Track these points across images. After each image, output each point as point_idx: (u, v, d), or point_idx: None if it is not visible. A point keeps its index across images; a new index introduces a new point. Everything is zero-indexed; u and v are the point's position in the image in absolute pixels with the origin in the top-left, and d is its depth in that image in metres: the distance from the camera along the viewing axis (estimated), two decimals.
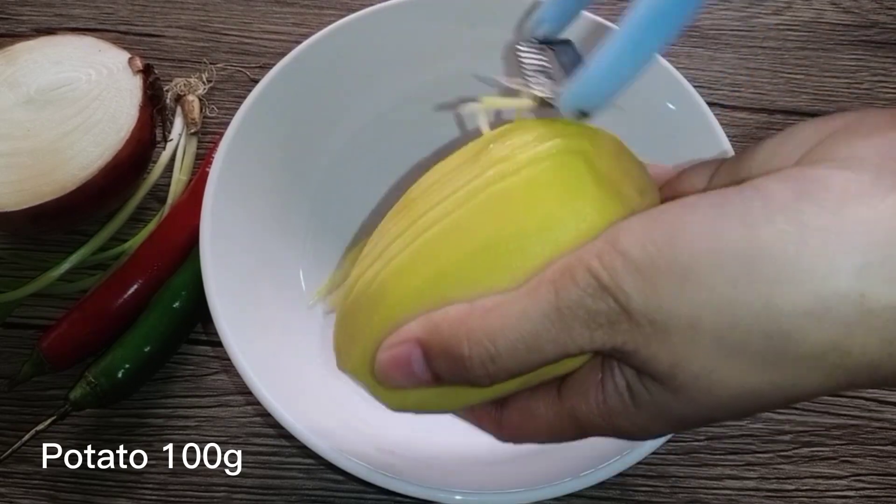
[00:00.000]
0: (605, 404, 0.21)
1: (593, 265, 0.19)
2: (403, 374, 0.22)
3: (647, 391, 0.20)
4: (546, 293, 0.19)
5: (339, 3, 0.53)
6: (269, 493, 0.39)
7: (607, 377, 0.21)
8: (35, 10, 0.52)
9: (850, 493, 0.39)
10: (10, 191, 0.39)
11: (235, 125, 0.38)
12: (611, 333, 0.19)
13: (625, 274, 0.18)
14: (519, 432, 0.24)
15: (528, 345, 0.20)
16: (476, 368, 0.20)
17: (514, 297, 0.20)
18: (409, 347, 0.22)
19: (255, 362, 0.34)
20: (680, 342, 0.18)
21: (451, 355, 0.21)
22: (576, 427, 0.22)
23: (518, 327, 0.20)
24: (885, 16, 0.54)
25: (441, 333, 0.21)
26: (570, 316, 0.19)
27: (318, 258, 0.42)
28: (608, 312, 0.19)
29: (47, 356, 0.39)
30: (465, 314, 0.21)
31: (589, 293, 0.19)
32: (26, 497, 0.38)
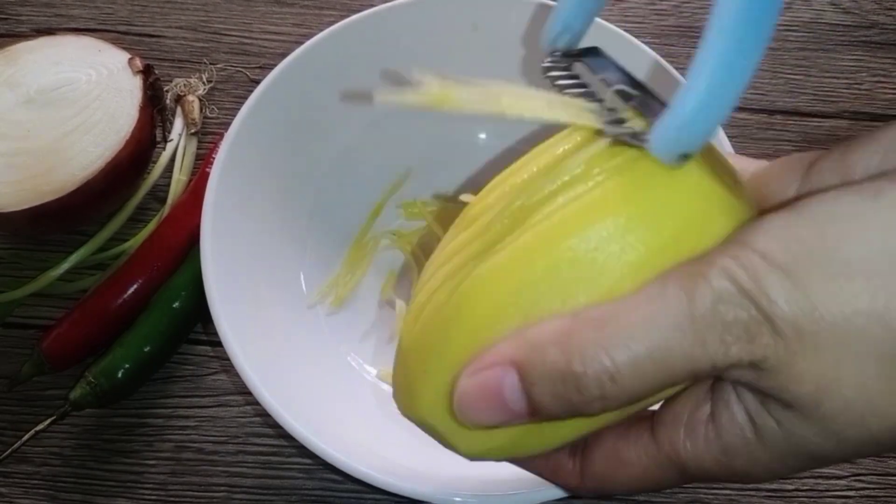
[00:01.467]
0: (720, 442, 0.18)
1: (730, 266, 0.16)
2: (493, 405, 0.18)
3: (775, 423, 0.17)
4: (676, 298, 0.16)
5: (339, 4, 0.53)
6: (268, 493, 0.39)
7: (720, 409, 0.18)
8: (35, 10, 0.52)
9: (850, 493, 0.39)
10: (10, 191, 0.39)
11: (237, 126, 0.38)
12: (750, 347, 0.16)
13: (768, 275, 0.16)
14: (604, 483, 0.20)
15: (655, 360, 0.16)
16: (591, 389, 0.17)
17: (631, 303, 0.17)
18: (500, 372, 0.18)
19: (255, 362, 0.34)
20: (832, 359, 0.15)
21: (560, 376, 0.17)
22: (678, 473, 0.19)
23: (644, 338, 0.16)
24: (885, 16, 0.54)
25: (543, 351, 0.17)
26: (704, 325, 0.16)
27: (318, 258, 0.42)
28: (748, 322, 0.16)
29: (47, 356, 0.39)
30: (570, 327, 0.17)
31: (725, 299, 0.16)
32: (26, 497, 0.38)
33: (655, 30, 0.53)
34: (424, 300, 0.21)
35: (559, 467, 0.21)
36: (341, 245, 0.43)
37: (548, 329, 0.18)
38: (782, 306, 0.16)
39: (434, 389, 0.20)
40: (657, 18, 0.53)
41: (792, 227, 0.16)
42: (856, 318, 0.15)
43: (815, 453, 0.17)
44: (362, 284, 0.43)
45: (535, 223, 0.19)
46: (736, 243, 0.17)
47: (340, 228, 0.43)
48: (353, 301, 0.42)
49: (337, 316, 0.41)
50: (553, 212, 0.19)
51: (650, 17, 0.53)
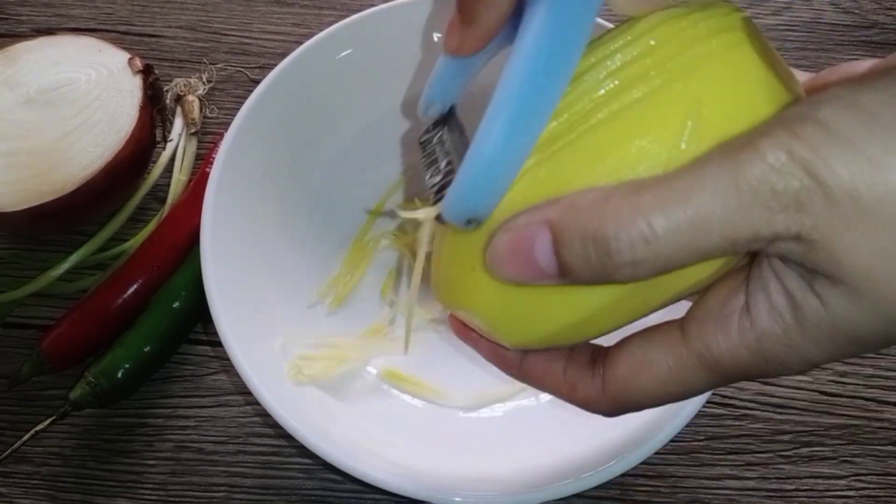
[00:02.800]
0: (755, 329, 0.17)
1: (783, 137, 0.15)
2: (524, 261, 0.18)
3: (820, 302, 0.16)
4: (721, 167, 0.16)
5: (339, 4, 0.53)
6: (268, 493, 0.39)
7: (758, 296, 0.17)
8: (35, 10, 0.52)
9: (850, 493, 0.39)
10: (10, 191, 0.39)
11: (237, 125, 0.38)
12: (798, 216, 0.15)
13: (828, 144, 0.15)
14: (626, 391, 0.20)
15: (693, 224, 0.16)
16: (623, 252, 0.16)
17: (675, 173, 0.16)
18: (534, 229, 0.18)
19: (255, 362, 0.34)
20: (892, 230, 0.15)
21: (591, 235, 0.16)
22: (706, 371, 0.18)
23: (683, 202, 0.16)
24: (885, 16, 0.54)
25: (579, 212, 0.17)
26: (750, 193, 0.15)
27: (318, 258, 0.42)
28: (799, 191, 0.15)
29: (47, 356, 0.39)
30: (608, 192, 0.17)
31: (777, 168, 0.15)
32: (26, 497, 0.38)
33: None
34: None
35: (578, 380, 0.21)
36: (341, 245, 0.43)
37: (588, 194, 0.17)
38: (840, 172, 0.15)
39: (482, 283, 0.20)
40: None
41: (856, 97, 0.15)
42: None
43: (858, 337, 0.16)
44: (362, 284, 0.43)
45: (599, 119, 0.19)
46: (794, 114, 0.16)
47: (340, 228, 0.43)
48: (353, 301, 0.42)
49: (337, 316, 0.41)
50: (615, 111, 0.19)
51: None
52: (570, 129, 0.19)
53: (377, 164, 0.44)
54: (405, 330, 0.28)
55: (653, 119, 0.18)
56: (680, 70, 0.19)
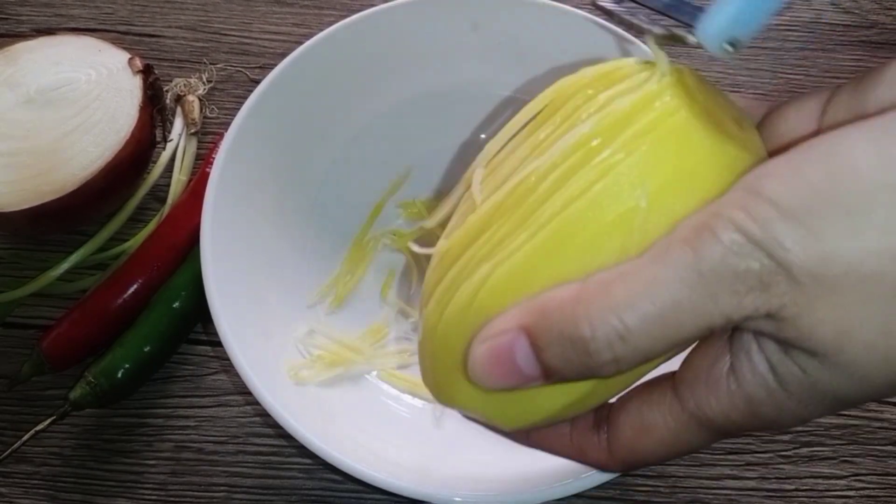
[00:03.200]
0: (743, 394, 0.17)
1: (737, 217, 0.16)
2: (506, 370, 0.18)
3: (800, 370, 0.17)
4: (681, 255, 0.16)
5: (339, 4, 0.53)
6: (268, 493, 0.39)
7: (741, 360, 0.18)
8: (35, 10, 0.52)
9: (850, 493, 0.39)
10: (10, 191, 0.39)
11: (237, 125, 0.38)
12: (765, 297, 0.16)
13: (779, 223, 0.15)
14: (634, 454, 0.20)
15: (664, 317, 0.16)
16: (602, 352, 0.17)
17: (638, 264, 0.17)
18: (510, 337, 0.18)
19: (255, 362, 0.34)
20: (853, 302, 0.15)
21: (569, 338, 0.17)
22: (706, 431, 0.19)
23: (651, 296, 0.16)
24: (885, 16, 0.54)
25: (551, 315, 0.17)
26: (714, 279, 0.16)
27: (318, 258, 0.42)
28: (760, 272, 0.16)
29: (47, 356, 0.39)
30: (577, 291, 0.17)
31: (735, 250, 0.16)
32: (26, 497, 0.38)
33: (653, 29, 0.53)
34: (445, 300, 0.21)
35: (586, 445, 0.21)
36: (341, 245, 0.43)
37: (557, 295, 0.18)
38: (798, 254, 0.15)
39: (469, 384, 0.20)
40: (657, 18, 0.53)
41: (800, 170, 0.16)
42: (869, 259, 0.15)
43: (840, 397, 0.17)
44: (362, 284, 0.43)
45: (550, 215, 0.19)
46: (743, 191, 0.16)
47: (340, 228, 0.43)
48: (353, 301, 0.42)
49: (337, 316, 0.41)
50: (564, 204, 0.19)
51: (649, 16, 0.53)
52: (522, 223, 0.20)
53: (377, 163, 0.44)
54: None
55: (605, 204, 0.18)
56: (623, 151, 0.19)
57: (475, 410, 0.22)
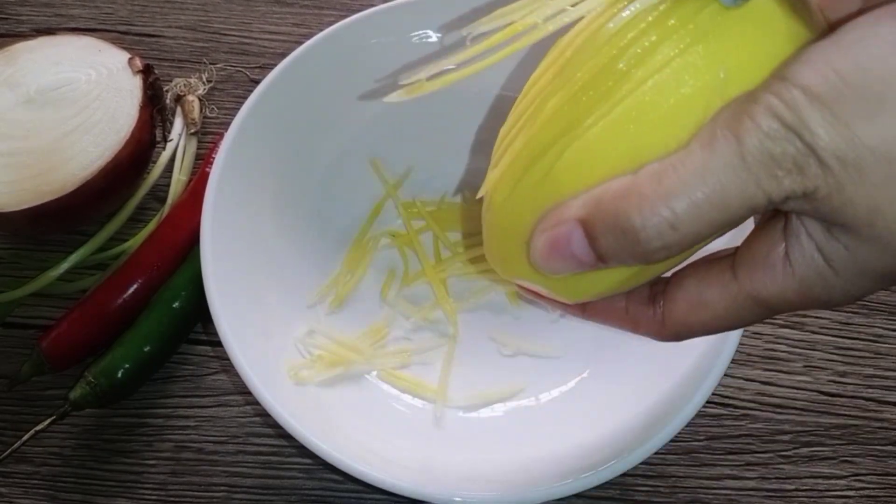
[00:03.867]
0: (796, 275, 0.19)
1: (773, 104, 0.17)
2: (564, 258, 0.20)
3: (843, 247, 0.18)
4: (725, 142, 0.17)
5: (339, 4, 0.53)
6: (268, 493, 0.39)
7: (793, 245, 0.19)
8: (35, 10, 0.52)
9: (850, 493, 0.39)
10: (10, 191, 0.39)
11: (237, 125, 0.38)
12: (800, 178, 0.17)
13: (808, 108, 0.16)
14: (689, 328, 0.22)
15: (712, 202, 0.17)
16: (653, 240, 0.18)
17: (684, 154, 0.18)
18: (567, 228, 0.20)
19: (255, 362, 0.34)
20: (878, 181, 0.16)
21: (621, 228, 0.18)
22: (761, 308, 0.20)
23: (700, 183, 0.17)
24: None
25: (605, 207, 0.19)
26: (756, 163, 0.17)
27: (318, 258, 0.42)
28: (795, 155, 0.17)
29: (47, 356, 0.39)
30: (631, 181, 0.18)
31: (772, 136, 0.17)
32: (26, 497, 0.38)
33: None
34: (518, 174, 0.22)
35: (640, 317, 0.23)
36: (341, 245, 0.43)
37: (612, 186, 0.19)
38: (823, 137, 0.16)
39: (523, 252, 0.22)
40: None
41: (830, 58, 0.17)
42: (893, 142, 0.16)
43: (881, 271, 0.18)
44: (362, 284, 0.43)
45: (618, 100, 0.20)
46: (779, 78, 0.17)
47: (340, 228, 0.43)
48: (353, 301, 0.42)
49: (337, 316, 0.41)
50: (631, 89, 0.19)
51: None
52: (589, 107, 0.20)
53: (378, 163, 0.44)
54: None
55: (684, 78, 0.19)
56: (697, 35, 0.19)
57: (540, 284, 0.23)
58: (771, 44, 0.19)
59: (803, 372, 0.42)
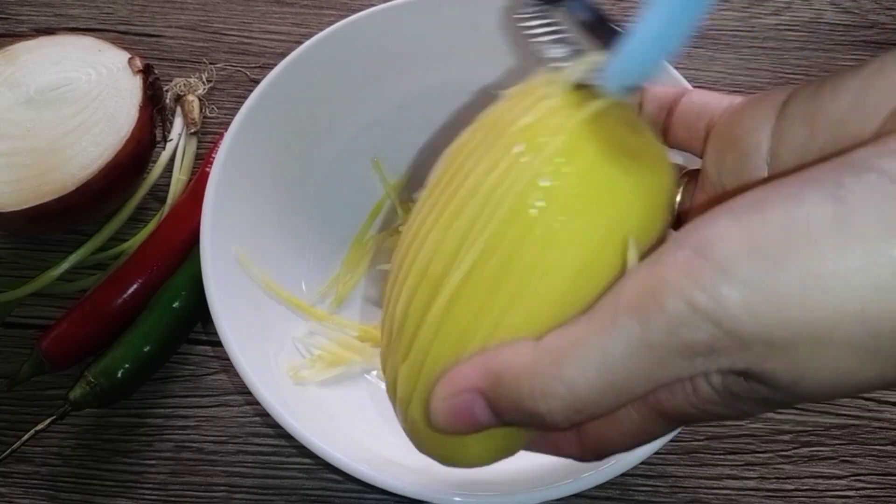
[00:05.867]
0: (698, 398, 0.18)
1: (683, 285, 0.16)
2: (466, 422, 0.20)
3: (751, 389, 0.17)
4: (628, 326, 0.17)
5: (339, 4, 0.53)
6: (268, 493, 0.39)
7: (698, 377, 0.18)
8: (35, 10, 0.52)
9: (849, 493, 0.39)
10: (10, 191, 0.39)
11: (237, 125, 0.38)
12: (714, 359, 0.16)
13: (731, 294, 0.15)
14: (602, 445, 0.21)
15: (616, 387, 0.17)
16: (559, 423, 0.18)
17: (586, 332, 0.18)
18: (468, 397, 0.20)
19: (255, 362, 0.34)
20: (805, 357, 0.16)
21: (527, 411, 0.18)
22: (665, 422, 0.20)
23: (602, 371, 0.17)
24: (885, 16, 0.54)
25: (506, 386, 0.19)
26: (663, 349, 0.16)
27: (318, 258, 0.42)
28: (708, 341, 0.16)
29: (47, 356, 0.39)
30: (531, 362, 0.18)
31: (684, 321, 0.16)
32: (26, 497, 0.38)
33: None
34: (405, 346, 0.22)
35: (559, 441, 0.23)
36: (341, 245, 0.43)
37: (512, 362, 0.19)
38: (748, 324, 0.16)
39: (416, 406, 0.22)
40: None
41: (753, 237, 0.16)
42: (828, 323, 0.15)
43: (782, 403, 0.18)
44: (362, 284, 0.43)
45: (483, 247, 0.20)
46: (690, 252, 0.16)
47: (340, 228, 0.43)
48: (353, 301, 0.42)
49: (336, 316, 0.41)
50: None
51: None
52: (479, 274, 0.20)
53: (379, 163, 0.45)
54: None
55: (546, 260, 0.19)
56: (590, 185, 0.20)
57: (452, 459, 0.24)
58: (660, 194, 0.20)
59: None
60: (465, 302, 0.20)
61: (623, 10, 0.54)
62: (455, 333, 0.20)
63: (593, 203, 0.19)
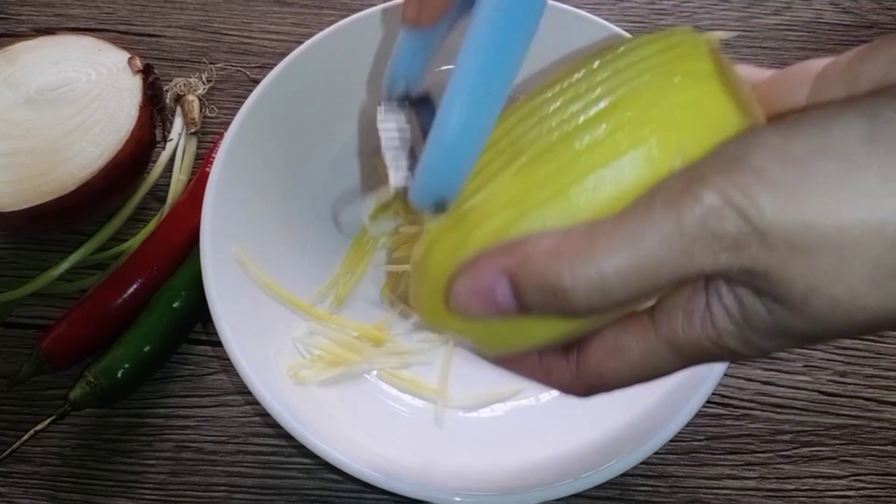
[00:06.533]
0: (714, 327, 0.19)
1: (721, 183, 0.17)
2: (485, 304, 0.20)
3: (766, 312, 0.18)
4: (663, 214, 0.17)
5: (339, 4, 0.53)
6: (268, 493, 0.39)
7: (713, 299, 0.19)
8: (35, 10, 0.52)
9: (849, 493, 0.39)
10: (10, 191, 0.39)
11: (237, 125, 0.38)
12: (738, 255, 0.17)
13: (761, 192, 0.16)
14: (600, 375, 0.21)
15: (642, 272, 0.17)
16: (581, 302, 0.18)
17: (619, 219, 0.18)
18: (492, 276, 0.19)
19: (255, 362, 0.34)
20: (824, 266, 0.16)
21: (549, 288, 0.18)
22: (676, 355, 0.20)
23: (632, 253, 0.17)
24: (885, 16, 0.54)
25: (534, 263, 0.19)
26: (693, 238, 0.17)
27: (318, 258, 0.42)
28: (736, 234, 0.17)
29: (47, 356, 0.39)
30: (561, 240, 0.18)
31: (715, 212, 0.17)
32: (26, 497, 0.38)
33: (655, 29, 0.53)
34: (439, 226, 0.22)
35: (553, 367, 0.22)
36: (341, 245, 0.43)
37: (541, 242, 0.19)
38: (774, 220, 0.16)
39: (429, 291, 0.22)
40: (657, 17, 0.53)
41: (788, 144, 0.17)
42: (849, 231, 0.16)
43: (800, 335, 0.18)
44: (362, 284, 0.43)
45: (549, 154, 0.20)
46: (729, 158, 0.17)
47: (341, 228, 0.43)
48: (353, 301, 0.42)
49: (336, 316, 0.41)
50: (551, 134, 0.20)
51: (650, 16, 0.53)
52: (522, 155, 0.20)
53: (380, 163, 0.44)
54: None
55: (607, 153, 0.19)
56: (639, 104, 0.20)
57: (463, 337, 0.23)
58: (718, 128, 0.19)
59: (803, 372, 0.42)
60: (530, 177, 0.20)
61: (623, 10, 0.54)
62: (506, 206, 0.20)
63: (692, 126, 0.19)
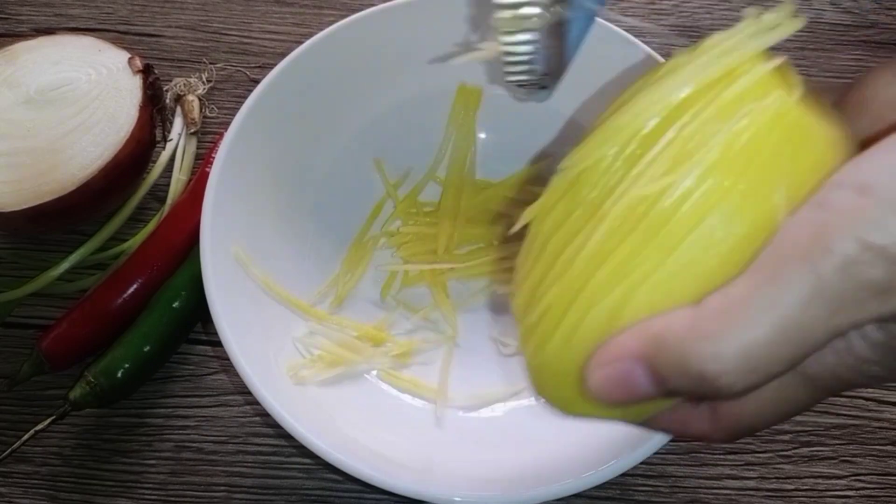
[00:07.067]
0: (854, 355, 0.18)
1: (853, 226, 0.15)
2: (625, 392, 0.18)
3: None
4: (798, 274, 0.16)
5: (339, 4, 0.53)
6: (268, 493, 0.39)
7: (853, 333, 0.18)
8: (35, 10, 0.52)
9: (849, 493, 0.39)
10: (10, 191, 0.39)
11: (237, 125, 0.38)
12: (887, 299, 0.15)
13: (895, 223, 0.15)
14: (741, 421, 0.20)
15: (793, 343, 0.16)
16: (733, 384, 0.16)
17: (750, 287, 0.16)
18: (628, 364, 0.18)
19: (255, 362, 0.34)
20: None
21: (696, 374, 0.17)
22: (811, 388, 0.19)
23: (776, 325, 0.16)
24: (885, 16, 0.54)
25: (670, 350, 0.17)
26: (838, 293, 0.15)
27: (318, 258, 0.42)
28: (885, 278, 0.15)
29: (47, 356, 0.39)
30: (695, 324, 0.17)
31: (856, 260, 0.15)
32: (26, 497, 0.38)
33: (655, 29, 0.53)
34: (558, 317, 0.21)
35: (688, 417, 0.21)
36: (341, 245, 0.43)
37: (672, 324, 0.17)
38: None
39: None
40: (657, 18, 0.53)
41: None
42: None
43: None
44: (362, 284, 0.43)
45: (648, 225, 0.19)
46: (851, 191, 0.16)
47: (340, 228, 0.43)
48: (353, 301, 0.42)
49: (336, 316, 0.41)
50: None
51: (650, 16, 0.53)
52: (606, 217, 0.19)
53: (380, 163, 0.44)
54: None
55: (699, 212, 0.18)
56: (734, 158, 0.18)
57: (601, 418, 0.22)
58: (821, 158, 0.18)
59: None
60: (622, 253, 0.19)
61: (623, 10, 0.54)
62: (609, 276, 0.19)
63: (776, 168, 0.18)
